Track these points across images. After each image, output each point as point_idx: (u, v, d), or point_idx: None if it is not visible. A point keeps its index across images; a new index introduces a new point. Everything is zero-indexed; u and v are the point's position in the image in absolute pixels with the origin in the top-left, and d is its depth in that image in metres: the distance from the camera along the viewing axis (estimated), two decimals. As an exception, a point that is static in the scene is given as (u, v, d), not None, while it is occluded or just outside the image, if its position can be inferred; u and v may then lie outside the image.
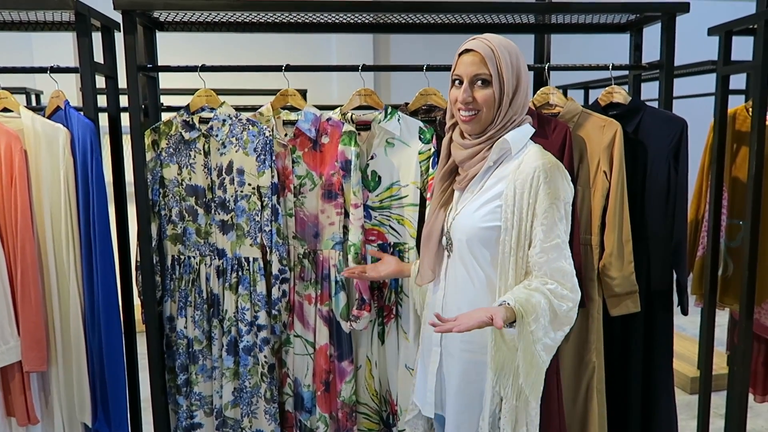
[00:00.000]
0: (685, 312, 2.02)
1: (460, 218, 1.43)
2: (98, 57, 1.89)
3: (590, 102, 2.22)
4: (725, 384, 2.19)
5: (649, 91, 2.31)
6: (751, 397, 2.17)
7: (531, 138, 1.44)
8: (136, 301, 2.06)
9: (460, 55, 1.39)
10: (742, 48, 2.20)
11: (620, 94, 2.00)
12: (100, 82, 1.92)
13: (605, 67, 2.01)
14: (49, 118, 1.86)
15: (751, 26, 1.99)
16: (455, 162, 1.46)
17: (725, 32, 2.07)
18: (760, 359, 2.22)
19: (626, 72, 2.20)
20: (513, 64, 1.36)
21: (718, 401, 2.48)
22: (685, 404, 3.12)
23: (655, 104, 2.05)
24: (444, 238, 1.47)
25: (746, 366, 2.03)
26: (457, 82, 1.40)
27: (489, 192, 1.40)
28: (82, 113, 1.84)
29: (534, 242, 1.33)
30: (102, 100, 1.94)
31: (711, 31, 2.12)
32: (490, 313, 1.22)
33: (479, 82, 1.36)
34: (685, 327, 4.02)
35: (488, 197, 1.39)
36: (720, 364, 2.93)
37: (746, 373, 2.03)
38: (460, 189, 1.46)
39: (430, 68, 1.97)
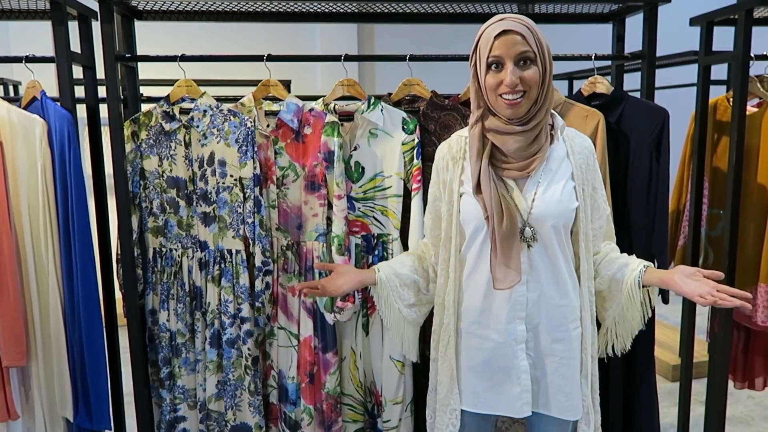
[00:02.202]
0: (666, 301, 2.04)
1: (545, 205, 1.38)
2: (75, 46, 1.85)
3: (574, 92, 2.22)
4: (706, 371, 2.21)
5: (632, 81, 2.31)
6: (731, 384, 2.20)
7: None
8: (118, 295, 2.03)
9: (495, 37, 1.30)
10: (724, 38, 2.21)
11: (603, 84, 2.00)
12: (78, 72, 1.88)
13: (588, 57, 2.02)
14: (25, 108, 1.82)
15: (732, 16, 2.00)
16: (502, 151, 1.38)
17: (707, 22, 2.08)
18: (740, 346, 2.25)
19: (609, 62, 2.21)
20: (540, 40, 1.33)
21: (699, 388, 2.51)
22: (667, 391, 3.17)
23: (638, 94, 2.06)
24: (527, 229, 1.38)
25: (726, 353, 2.05)
26: (494, 66, 1.32)
27: (560, 174, 1.41)
28: (59, 104, 1.81)
29: (599, 213, 1.49)
30: (80, 91, 1.90)
31: (692, 22, 2.14)
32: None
33: (522, 62, 1.31)
34: (667, 316, 4.06)
35: (564, 179, 1.41)
36: (701, 352, 2.96)
37: (726, 360, 2.06)
38: (519, 177, 1.39)
39: (414, 58, 1.95)
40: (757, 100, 2.20)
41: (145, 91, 2.50)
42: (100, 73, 1.90)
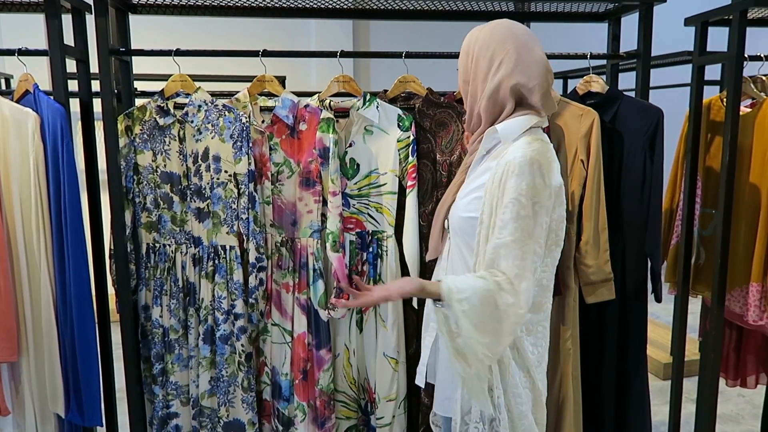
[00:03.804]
0: (658, 299, 2.05)
1: (456, 203, 1.42)
2: (69, 40, 1.84)
3: (569, 91, 2.23)
4: (697, 369, 2.22)
5: (626, 81, 2.32)
6: (722, 381, 2.22)
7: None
8: (110, 290, 2.02)
9: None
10: (718, 38, 2.22)
11: (598, 84, 2.01)
12: (72, 66, 1.87)
13: (583, 56, 2.02)
14: (17, 102, 1.81)
15: (726, 17, 2.01)
16: None
17: (701, 23, 2.09)
18: (731, 345, 2.27)
19: (604, 61, 2.22)
20: (471, 49, 1.37)
21: (690, 386, 2.53)
22: (658, 389, 3.18)
23: (632, 94, 2.07)
24: (446, 220, 1.45)
25: (717, 352, 2.07)
26: None
27: (475, 182, 1.38)
28: (52, 97, 1.79)
29: (491, 237, 1.27)
30: (73, 85, 1.89)
31: (687, 22, 2.14)
32: (399, 288, 1.27)
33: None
34: (659, 314, 4.09)
35: (473, 187, 1.37)
36: (692, 350, 2.99)
37: (717, 359, 2.07)
38: (467, 177, 1.46)
39: (409, 55, 1.95)
40: (750, 100, 2.22)
41: (139, 86, 2.48)
42: (94, 68, 1.89)
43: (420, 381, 1.56)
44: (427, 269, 1.96)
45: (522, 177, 1.24)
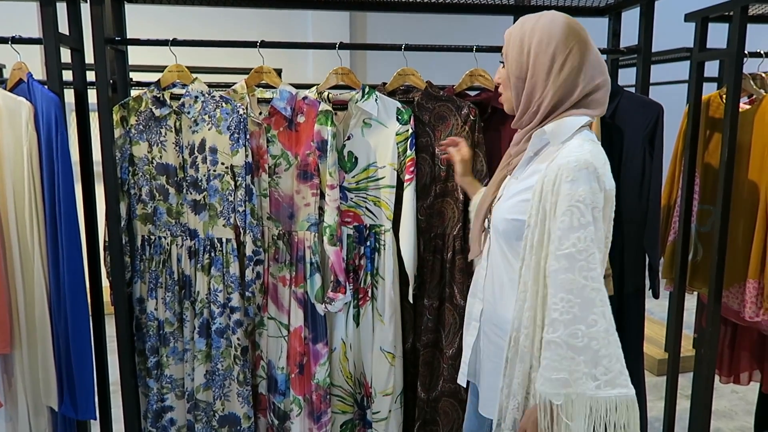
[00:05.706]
0: (656, 295, 2.05)
1: (499, 204, 1.38)
2: (64, 28, 1.81)
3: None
4: (691, 366, 2.23)
5: (626, 77, 2.32)
6: (715, 378, 2.22)
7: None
8: (105, 283, 2.00)
9: None
10: (716, 35, 2.21)
11: (598, 78, 1.99)
12: (66, 56, 1.84)
13: (583, 51, 2.00)
14: (11, 91, 1.78)
15: (727, 13, 2.00)
16: None
17: (701, 18, 2.08)
18: (726, 341, 2.27)
19: (604, 56, 2.20)
20: (525, 43, 1.30)
21: (684, 383, 2.54)
22: (653, 386, 3.19)
23: (632, 90, 2.06)
24: (486, 219, 1.43)
25: (713, 348, 2.07)
26: None
27: (523, 183, 1.34)
28: (46, 87, 1.77)
29: (551, 248, 1.21)
30: (68, 75, 1.86)
31: (687, 17, 2.13)
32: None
33: (501, 64, 1.40)
34: (653, 310, 4.10)
35: (521, 188, 1.33)
36: (686, 347, 3.00)
37: (713, 355, 2.08)
38: (509, 174, 1.42)
39: (409, 48, 1.93)
40: (748, 97, 2.21)
41: (135, 77, 2.44)
42: (89, 57, 1.86)
43: (461, 380, 1.53)
44: (423, 264, 1.96)
45: (577, 183, 1.18)
